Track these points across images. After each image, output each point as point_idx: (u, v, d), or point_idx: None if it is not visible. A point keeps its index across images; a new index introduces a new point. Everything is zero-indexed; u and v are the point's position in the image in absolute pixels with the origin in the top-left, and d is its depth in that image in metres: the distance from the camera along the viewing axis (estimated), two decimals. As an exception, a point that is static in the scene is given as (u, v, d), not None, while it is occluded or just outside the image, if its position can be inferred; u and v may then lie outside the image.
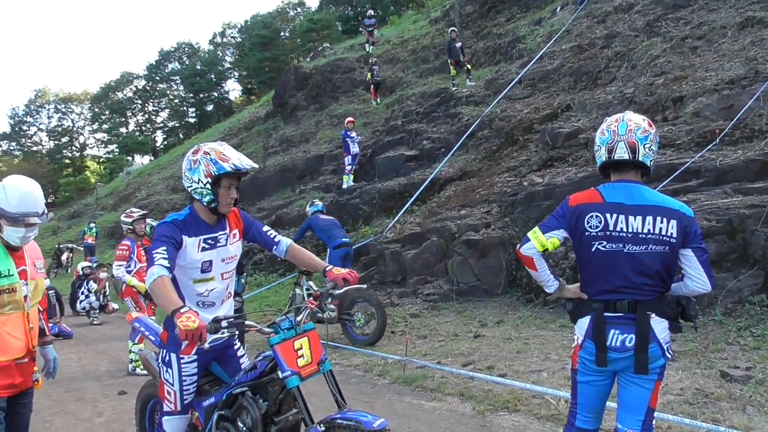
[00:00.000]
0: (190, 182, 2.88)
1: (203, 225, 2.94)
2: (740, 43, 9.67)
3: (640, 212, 2.59)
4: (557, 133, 10.44)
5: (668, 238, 2.56)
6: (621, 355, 2.60)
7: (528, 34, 16.24)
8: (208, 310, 2.96)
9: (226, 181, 2.86)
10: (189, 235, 2.86)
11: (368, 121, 17.91)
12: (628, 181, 2.70)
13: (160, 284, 2.56)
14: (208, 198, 2.86)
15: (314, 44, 43.67)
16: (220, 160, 2.82)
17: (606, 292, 2.63)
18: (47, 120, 65.57)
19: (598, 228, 2.64)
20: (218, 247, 2.97)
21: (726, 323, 6.05)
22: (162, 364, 3.04)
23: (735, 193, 7.08)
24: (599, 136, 2.76)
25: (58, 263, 21.28)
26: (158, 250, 2.68)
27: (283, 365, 2.69)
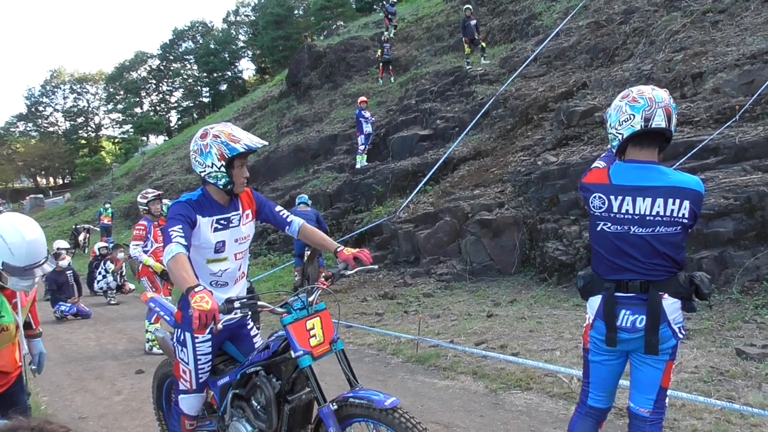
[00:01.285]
0: (203, 167, 2.88)
1: (216, 205, 2.95)
2: (764, 16, 9.39)
3: (650, 194, 2.53)
4: (572, 111, 10.29)
5: (680, 219, 2.52)
6: (631, 336, 2.58)
7: (544, 10, 15.94)
8: (221, 290, 2.99)
9: (239, 161, 2.87)
10: (203, 215, 2.88)
11: (382, 101, 17.80)
12: (642, 162, 2.62)
13: (177, 262, 2.58)
14: (224, 180, 2.88)
15: (328, 22, 43.24)
16: (232, 141, 2.82)
17: (616, 272, 2.61)
18: (63, 100, 66.17)
19: (602, 209, 2.61)
20: (231, 228, 2.99)
21: (743, 301, 6.00)
22: (177, 343, 3.08)
23: (754, 170, 6.96)
24: (631, 104, 2.58)
25: (75, 243, 21.58)
26: (174, 228, 2.70)
27: (296, 345, 2.72)
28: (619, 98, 2.68)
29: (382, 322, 7.68)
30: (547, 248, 8.45)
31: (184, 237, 2.68)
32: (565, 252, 8.17)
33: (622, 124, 2.59)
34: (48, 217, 32.53)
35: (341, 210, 13.32)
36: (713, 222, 6.59)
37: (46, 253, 2.76)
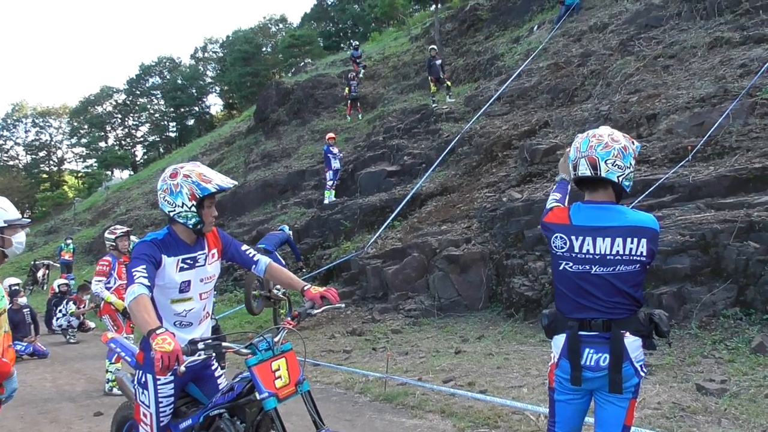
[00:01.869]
0: (172, 206, 2.87)
1: (182, 245, 2.94)
2: (710, 63, 9.95)
3: (610, 234, 2.60)
4: (535, 149, 10.59)
5: (638, 257, 2.59)
6: (595, 374, 2.61)
7: (506, 51, 16.52)
8: (185, 330, 2.95)
9: (208, 201, 2.89)
10: (168, 254, 2.86)
11: (350, 137, 17.99)
12: (598, 203, 2.71)
13: (139, 303, 2.55)
14: (194, 220, 2.88)
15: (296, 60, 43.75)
16: (203, 181, 2.84)
17: (579, 311, 2.65)
18: (24, 134, 64.70)
19: (563, 249, 2.67)
20: (197, 267, 2.97)
21: (701, 336, 6.16)
22: (138, 385, 3.00)
23: (708, 208, 7.25)
24: (570, 153, 2.79)
25: (34, 280, 20.87)
26: (138, 269, 2.67)
27: (261, 387, 2.68)
28: (577, 140, 2.80)
29: (350, 359, 7.59)
30: (513, 284, 8.55)
31: (148, 277, 2.66)
32: (531, 288, 8.28)
33: (575, 168, 2.75)
34: (4, 254, 31.38)
35: (309, 245, 13.25)
36: (671, 258, 6.80)
37: None
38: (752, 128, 8.06)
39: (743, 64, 9.33)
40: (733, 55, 9.79)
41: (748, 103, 8.34)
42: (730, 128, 8.20)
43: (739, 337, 5.91)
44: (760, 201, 6.81)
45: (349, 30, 51.58)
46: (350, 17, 50.15)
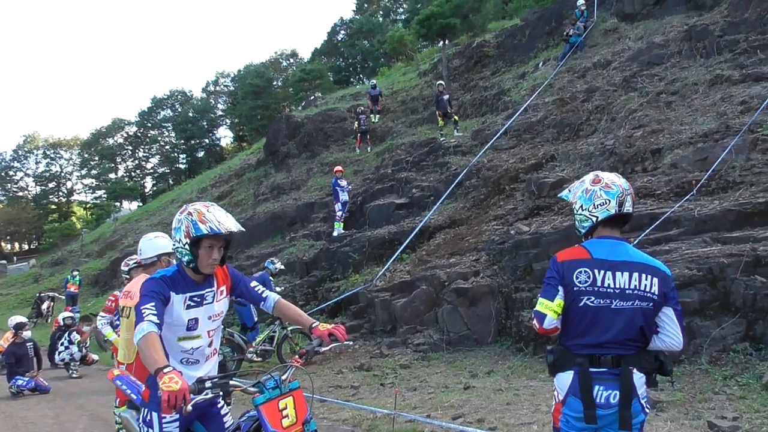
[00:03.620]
0: (175, 241, 2.92)
1: (190, 282, 2.94)
2: (711, 99, 10.14)
3: (626, 268, 2.67)
4: (542, 182, 10.72)
5: (651, 295, 2.65)
6: (605, 412, 2.62)
7: (512, 87, 16.83)
8: (192, 368, 2.94)
9: (207, 242, 2.86)
10: (176, 292, 2.86)
11: (359, 169, 18.22)
12: (614, 238, 2.79)
13: (148, 341, 2.56)
14: (186, 258, 2.88)
15: (306, 93, 44.54)
16: (200, 221, 2.82)
17: (590, 347, 2.67)
18: (35, 165, 65.63)
19: (587, 283, 2.68)
20: (205, 305, 2.97)
21: (712, 372, 6.14)
22: (143, 423, 2.96)
23: (714, 242, 7.30)
24: (606, 190, 2.77)
25: (38, 312, 20.60)
26: (147, 306, 2.69)
27: (268, 426, 2.68)
28: (589, 183, 2.83)
29: (358, 395, 7.57)
30: (522, 317, 8.56)
31: (157, 315, 2.67)
32: (540, 321, 8.28)
33: (597, 208, 2.76)
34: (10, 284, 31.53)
35: (317, 278, 13.31)
36: (679, 292, 6.76)
37: None
38: (755, 163, 8.17)
39: (743, 101, 9.50)
40: (734, 92, 9.98)
41: (749, 139, 8.48)
42: (733, 163, 8.32)
43: (749, 373, 5.89)
44: (765, 235, 6.88)
45: (359, 65, 52.59)
46: (360, 52, 51.17)
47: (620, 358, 2.63)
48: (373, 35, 48.61)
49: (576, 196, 2.85)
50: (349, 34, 53.69)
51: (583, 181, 2.88)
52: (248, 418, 2.88)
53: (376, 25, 50.71)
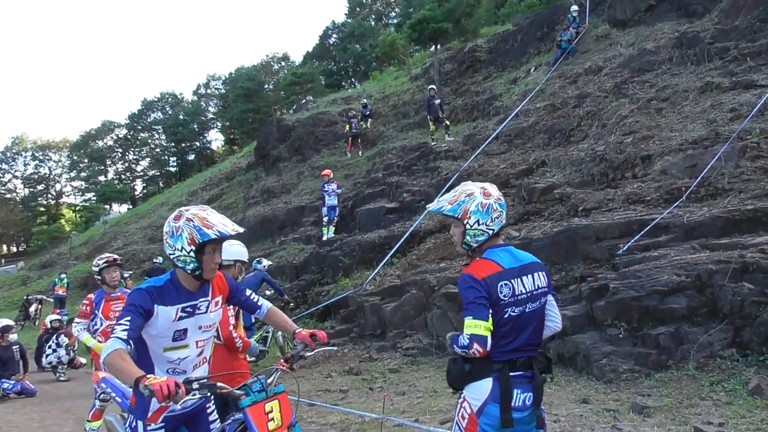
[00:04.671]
0: (173, 249, 2.79)
1: (183, 292, 2.84)
2: (701, 106, 10.21)
3: (528, 271, 2.75)
4: (533, 188, 10.74)
5: (545, 289, 2.79)
6: (522, 414, 2.63)
7: (504, 92, 16.89)
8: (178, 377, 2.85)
9: (210, 247, 2.79)
10: (164, 304, 2.77)
11: (349, 173, 18.20)
12: (503, 245, 2.85)
13: (115, 357, 2.48)
14: (192, 266, 2.78)
15: (297, 97, 44.51)
16: (204, 226, 2.74)
17: (509, 352, 2.67)
18: (23, 167, 65.03)
19: (509, 295, 2.67)
20: (197, 315, 2.88)
21: (699, 378, 6.15)
22: (130, 430, 2.91)
23: (702, 248, 7.33)
24: (499, 203, 2.80)
25: (26, 315, 20.37)
26: (122, 321, 2.62)
27: (254, 429, 2.68)
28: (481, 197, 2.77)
29: (346, 399, 7.52)
30: (511, 322, 8.54)
31: (129, 330, 2.59)
32: (529, 326, 8.27)
33: (494, 221, 2.76)
34: (-3, 287, 31.15)
35: (307, 282, 13.25)
36: (667, 298, 6.84)
37: None
38: (743, 170, 8.23)
39: (733, 108, 9.58)
40: (723, 99, 10.06)
41: (738, 146, 8.54)
42: (723, 170, 8.37)
43: (736, 379, 5.90)
44: (753, 242, 6.91)
45: (351, 69, 52.66)
46: (351, 56, 51.26)
47: (531, 360, 2.70)
48: (365, 39, 48.71)
49: (469, 211, 2.76)
50: (341, 37, 53.82)
51: (472, 196, 2.79)
52: (233, 421, 2.87)
53: (368, 29, 50.83)
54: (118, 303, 6.02)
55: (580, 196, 9.81)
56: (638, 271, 7.29)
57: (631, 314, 6.99)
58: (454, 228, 2.85)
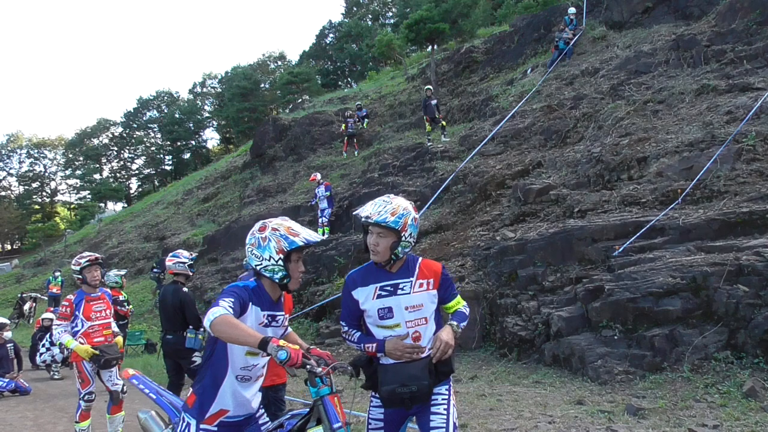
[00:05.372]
0: (260, 260, 2.83)
1: (267, 300, 2.89)
2: (697, 109, 10.23)
3: None
4: (529, 189, 10.74)
5: None
6: None
7: (500, 93, 16.89)
8: (244, 386, 2.87)
9: (296, 255, 2.85)
10: (257, 305, 2.81)
11: (345, 173, 18.16)
12: None
13: (228, 320, 2.51)
14: (280, 274, 2.83)
15: (294, 96, 44.49)
16: (291, 235, 2.82)
17: None
18: (18, 165, 64.66)
19: None
20: (272, 326, 2.91)
21: (693, 380, 6.15)
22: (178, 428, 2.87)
23: (698, 251, 7.34)
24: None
25: (20, 313, 20.36)
26: (225, 299, 2.64)
27: (336, 417, 2.71)
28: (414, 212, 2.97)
29: (342, 399, 7.43)
30: (506, 323, 8.54)
31: (232, 308, 2.61)
32: (524, 327, 8.27)
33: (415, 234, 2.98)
34: (-8, 285, 30.94)
35: (302, 281, 13.15)
36: (663, 300, 6.85)
37: None
38: (739, 173, 8.24)
39: (729, 111, 9.60)
40: (720, 102, 10.08)
41: (734, 149, 8.55)
42: (718, 173, 8.38)
43: (730, 381, 5.91)
44: (748, 245, 6.92)
45: (347, 69, 52.66)
46: (348, 56, 51.24)
47: None
48: (362, 39, 48.70)
49: (407, 224, 2.91)
50: (337, 37, 53.79)
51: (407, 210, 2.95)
52: (292, 416, 2.88)
53: (364, 29, 50.81)
54: (98, 303, 5.93)
55: (575, 197, 9.81)
56: (633, 272, 7.31)
57: (626, 316, 7.00)
58: (383, 238, 2.90)
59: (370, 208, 2.93)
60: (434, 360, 2.90)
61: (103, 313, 5.96)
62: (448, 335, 2.94)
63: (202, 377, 2.85)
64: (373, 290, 2.97)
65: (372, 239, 2.91)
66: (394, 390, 2.82)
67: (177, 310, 6.46)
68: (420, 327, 2.96)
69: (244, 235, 12.19)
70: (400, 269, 2.99)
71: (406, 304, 2.94)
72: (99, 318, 5.89)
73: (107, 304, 6.05)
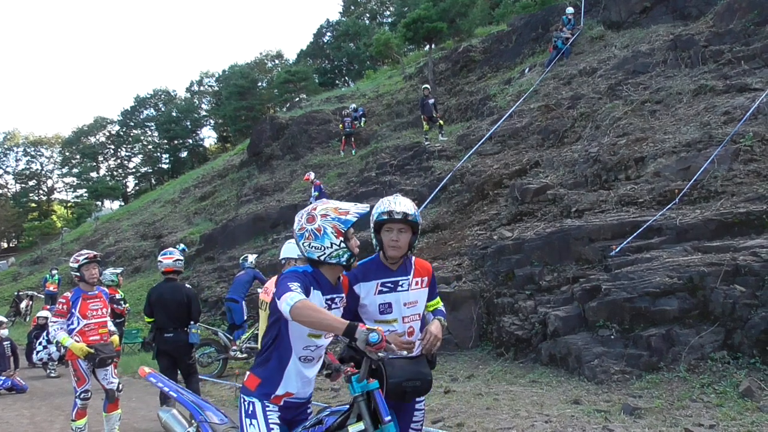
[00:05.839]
0: (321, 250, 2.80)
1: (327, 284, 2.88)
2: (695, 109, 10.24)
3: None
4: (526, 188, 10.74)
5: None
6: None
7: (498, 92, 16.89)
8: (306, 366, 2.90)
9: (349, 232, 2.86)
10: (318, 289, 2.81)
11: (342, 172, 18.15)
12: None
13: (308, 305, 2.51)
14: (346, 256, 2.82)
15: (291, 95, 44.42)
16: (341, 215, 2.83)
17: None
18: (15, 163, 64.50)
19: None
20: (333, 309, 2.90)
21: (690, 380, 6.16)
22: (245, 416, 2.83)
23: (695, 251, 7.35)
24: None
25: (17, 311, 20.39)
26: (291, 285, 2.62)
27: (387, 410, 2.71)
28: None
29: (338, 397, 7.49)
30: (503, 323, 8.55)
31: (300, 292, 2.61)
32: (521, 327, 8.28)
33: None
34: (-12, 283, 30.85)
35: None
36: (659, 300, 6.86)
37: None
38: (736, 174, 8.26)
39: (726, 111, 9.61)
40: (717, 102, 10.09)
41: (732, 150, 8.57)
42: (716, 173, 8.40)
43: (726, 381, 5.92)
44: (745, 245, 6.93)
45: (345, 68, 52.57)
46: (345, 55, 51.16)
47: None
48: (359, 38, 48.64)
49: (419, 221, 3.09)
50: (335, 36, 53.70)
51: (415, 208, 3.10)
52: (332, 412, 2.86)
53: (362, 28, 50.76)
54: (95, 301, 5.92)
55: (573, 197, 9.81)
56: (630, 272, 7.32)
57: (622, 315, 7.01)
58: (404, 234, 3.04)
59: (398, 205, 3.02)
60: (425, 352, 3.05)
61: (100, 312, 5.95)
62: (438, 329, 3.09)
63: (267, 359, 2.85)
64: (375, 286, 3.07)
65: (393, 235, 3.01)
66: (400, 383, 2.89)
67: (182, 306, 6.48)
68: (414, 322, 3.15)
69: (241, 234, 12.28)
70: (399, 267, 3.11)
71: (405, 300, 3.09)
72: (95, 316, 5.89)
73: (104, 302, 6.04)
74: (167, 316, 6.49)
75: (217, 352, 9.73)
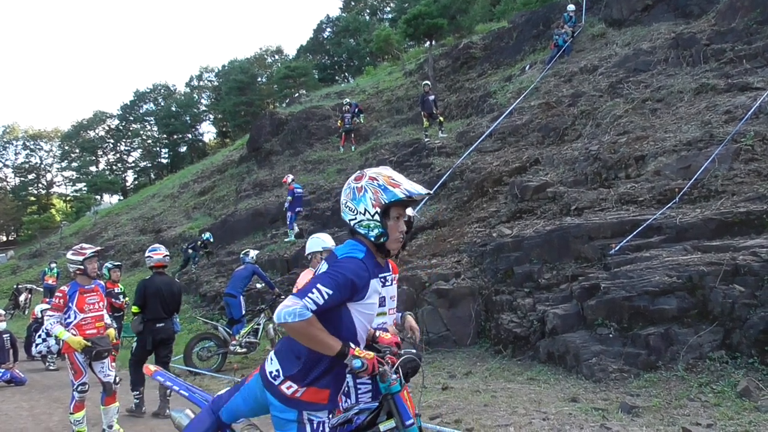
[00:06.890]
0: (354, 213, 2.52)
1: (376, 264, 2.61)
2: (696, 108, 10.22)
3: None
4: (526, 186, 10.72)
5: None
6: None
7: (498, 89, 16.85)
8: None
9: (395, 211, 2.51)
10: (373, 276, 2.54)
11: (342, 168, 18.11)
12: None
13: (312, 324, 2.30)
14: (376, 231, 2.48)
15: (290, 91, 44.29)
16: (390, 186, 2.48)
17: None
18: (14, 156, 64.45)
19: None
20: (387, 286, 2.73)
21: (688, 379, 6.16)
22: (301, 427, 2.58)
23: (694, 250, 7.34)
24: None
25: (15, 304, 20.44)
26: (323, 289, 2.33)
27: (408, 411, 2.65)
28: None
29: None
30: (502, 320, 8.54)
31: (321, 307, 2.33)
32: (520, 324, 8.27)
33: None
34: (-13, 276, 30.85)
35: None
36: (658, 299, 6.85)
37: None
38: (737, 173, 8.24)
39: (728, 110, 9.58)
40: (719, 101, 10.06)
41: (733, 149, 8.55)
42: (716, 172, 8.38)
43: (725, 381, 5.92)
44: (745, 245, 6.92)
45: (344, 63, 52.46)
46: (345, 51, 51.05)
47: None
48: (360, 34, 48.53)
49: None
50: (335, 32, 53.57)
51: None
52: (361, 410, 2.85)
53: (362, 24, 50.63)
54: (92, 295, 5.96)
55: (572, 195, 9.80)
56: (630, 271, 7.31)
57: (621, 314, 7.01)
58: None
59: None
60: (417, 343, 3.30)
61: (96, 306, 5.97)
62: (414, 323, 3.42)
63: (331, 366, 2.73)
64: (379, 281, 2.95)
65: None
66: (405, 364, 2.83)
67: (176, 297, 7.14)
68: (392, 315, 3.30)
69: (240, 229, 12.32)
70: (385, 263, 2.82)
71: (392, 294, 2.98)
72: (92, 310, 5.91)
73: (100, 296, 6.06)
74: (162, 308, 6.96)
75: (216, 347, 9.76)
